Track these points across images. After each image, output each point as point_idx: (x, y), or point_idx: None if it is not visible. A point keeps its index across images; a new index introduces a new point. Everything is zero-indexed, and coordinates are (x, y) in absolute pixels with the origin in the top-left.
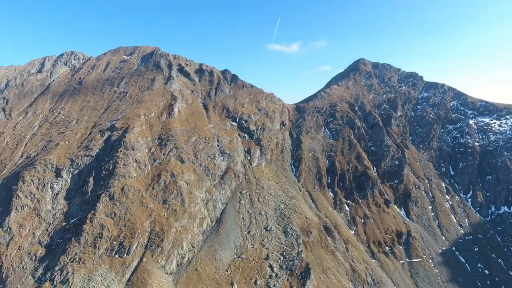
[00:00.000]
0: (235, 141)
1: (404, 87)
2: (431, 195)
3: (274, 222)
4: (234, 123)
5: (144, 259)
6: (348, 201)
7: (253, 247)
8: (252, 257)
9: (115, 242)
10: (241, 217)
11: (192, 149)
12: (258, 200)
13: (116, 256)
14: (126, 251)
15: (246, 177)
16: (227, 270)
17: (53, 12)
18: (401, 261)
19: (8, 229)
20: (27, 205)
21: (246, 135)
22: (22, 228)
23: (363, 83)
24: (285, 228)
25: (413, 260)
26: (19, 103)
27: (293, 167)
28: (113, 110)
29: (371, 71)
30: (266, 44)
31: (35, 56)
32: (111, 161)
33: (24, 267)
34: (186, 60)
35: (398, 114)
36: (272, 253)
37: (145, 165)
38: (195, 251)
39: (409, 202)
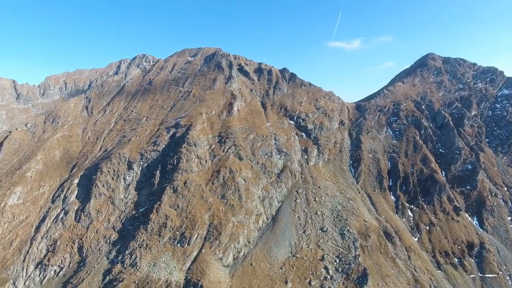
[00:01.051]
0: (292, 139)
1: (480, 84)
2: (510, 204)
3: (331, 223)
4: (292, 122)
5: (203, 250)
6: (412, 206)
7: (308, 247)
8: (307, 257)
9: (177, 232)
10: (297, 216)
11: (250, 147)
12: (315, 200)
13: (178, 245)
14: (187, 241)
15: (303, 176)
16: (281, 268)
17: (129, 19)
18: (472, 275)
19: (88, 214)
20: (104, 193)
21: (303, 134)
22: (99, 214)
23: (431, 79)
24: (341, 230)
25: (487, 275)
26: (99, 102)
27: (351, 168)
28: (178, 109)
29: (441, 66)
30: (325, 41)
31: (113, 59)
32: (175, 156)
33: (100, 249)
34: (246, 59)
35: (473, 113)
36: (328, 254)
37: (206, 161)
38: (251, 247)
39: (483, 211)
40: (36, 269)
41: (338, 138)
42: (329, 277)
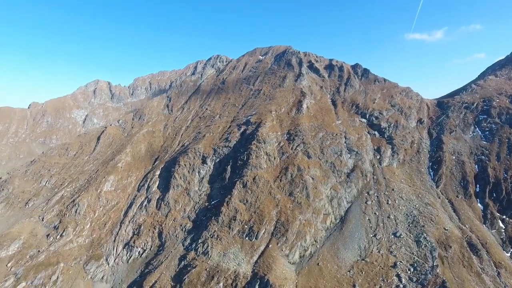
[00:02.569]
0: (364, 138)
1: None
2: None
3: (405, 229)
4: (364, 120)
5: (270, 246)
6: (504, 217)
7: (378, 251)
8: (377, 262)
9: (246, 226)
10: (367, 218)
11: (319, 145)
12: (387, 203)
13: (246, 238)
14: (255, 235)
15: (375, 177)
16: (349, 271)
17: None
18: None
19: (167, 203)
20: (181, 185)
21: (376, 132)
22: (177, 204)
23: None
24: (417, 237)
25: None
26: (178, 101)
27: (430, 170)
28: (248, 106)
29: None
30: (402, 34)
31: (191, 60)
32: (245, 152)
33: (177, 236)
34: (316, 56)
35: None
36: (401, 262)
37: (274, 158)
38: (318, 246)
39: None
40: (124, 249)
41: (415, 138)
42: (401, 286)
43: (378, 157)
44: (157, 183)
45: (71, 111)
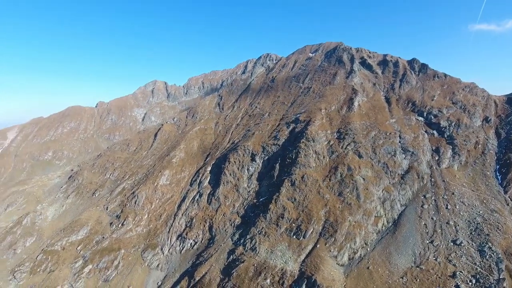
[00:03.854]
0: (421, 138)
1: None
2: None
3: (466, 237)
4: (421, 118)
5: (318, 246)
6: None
7: (435, 259)
8: (434, 271)
9: (293, 224)
10: (423, 223)
11: (371, 144)
12: (446, 208)
13: (294, 237)
14: (303, 234)
15: (432, 179)
16: (402, 277)
17: (257, 20)
18: None
19: (218, 198)
20: (230, 181)
21: (434, 131)
22: (226, 199)
23: None
24: (481, 246)
25: None
26: (229, 99)
27: (498, 174)
28: (298, 104)
29: None
30: (466, 25)
31: (241, 59)
32: (294, 150)
33: (226, 230)
34: (369, 52)
35: None
36: (461, 272)
37: (324, 157)
38: (368, 249)
39: None
40: (177, 240)
41: (480, 138)
42: None
43: (436, 158)
44: (208, 178)
45: (132, 110)
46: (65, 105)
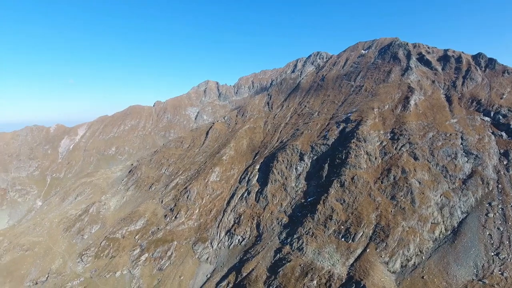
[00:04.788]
0: (487, 140)
1: None
2: None
3: None
4: (487, 118)
5: (368, 250)
6: None
7: (502, 274)
8: (500, 286)
9: (342, 226)
10: (487, 233)
11: (428, 146)
12: None
13: (342, 239)
14: (352, 237)
15: (499, 186)
16: None
17: (308, 19)
18: None
19: (265, 197)
20: (278, 180)
21: (503, 133)
22: (274, 198)
23: None
24: None
25: None
26: (278, 98)
27: None
28: (348, 103)
29: None
30: None
31: (291, 59)
32: (344, 151)
33: (273, 229)
34: (428, 47)
35: None
36: None
37: (376, 158)
38: (423, 257)
39: None
40: (226, 235)
41: None
42: None
43: (505, 162)
44: (257, 176)
45: (186, 109)
46: (127, 103)
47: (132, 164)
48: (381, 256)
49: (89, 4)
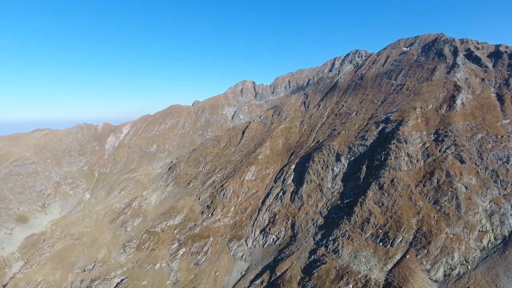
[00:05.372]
0: None
1: None
2: None
3: None
4: None
5: (408, 256)
6: None
7: None
8: None
9: (380, 230)
10: None
11: (477, 148)
12: None
13: (380, 244)
14: (390, 242)
15: None
16: None
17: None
18: None
19: (301, 197)
20: (314, 180)
21: None
22: (309, 198)
23: None
24: None
25: None
26: (314, 98)
27: None
28: (389, 103)
29: None
30: None
31: (328, 57)
32: (383, 152)
33: (308, 229)
34: (477, 43)
35: None
36: None
37: (417, 160)
38: (469, 267)
39: None
40: (260, 234)
41: None
42: None
43: None
44: (292, 176)
45: (223, 108)
46: (168, 103)
47: (171, 162)
48: (422, 264)
49: (137, 8)
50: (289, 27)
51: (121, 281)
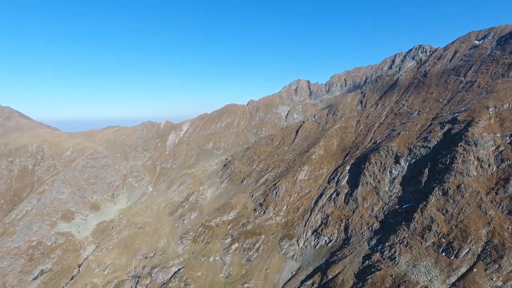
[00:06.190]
0: None
1: None
2: None
3: None
4: None
5: (475, 270)
6: None
7: None
8: None
9: (443, 240)
10: None
11: None
12: None
13: (443, 254)
14: (455, 253)
15: None
16: None
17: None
18: None
19: (355, 199)
20: (370, 183)
21: None
22: (365, 201)
23: None
24: None
25: None
26: (372, 97)
27: None
28: (456, 102)
29: None
30: None
31: (388, 54)
32: (448, 155)
33: (363, 233)
34: None
35: None
36: None
37: (489, 165)
38: None
39: None
40: (312, 235)
41: None
42: None
43: None
44: (346, 178)
45: (277, 107)
46: (224, 102)
47: (226, 159)
48: (492, 279)
49: (195, 14)
50: (346, 25)
51: (178, 270)
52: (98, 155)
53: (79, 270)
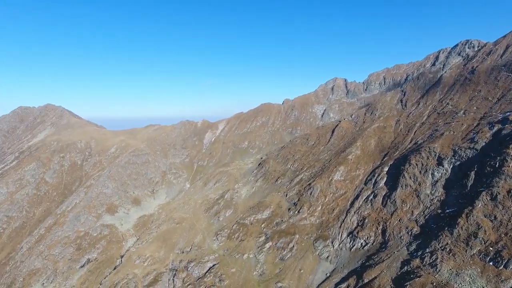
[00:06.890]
0: None
1: None
2: None
3: None
4: None
5: None
6: None
7: None
8: None
9: (491, 248)
10: None
11: None
12: None
13: (490, 263)
14: (504, 263)
15: None
16: None
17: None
18: None
19: (394, 202)
20: (410, 185)
21: None
22: (404, 204)
23: None
24: None
25: None
26: (413, 95)
27: None
28: (507, 100)
29: None
30: None
31: (431, 50)
32: (498, 157)
33: (402, 238)
34: None
35: None
36: None
37: None
38: None
39: None
40: (348, 237)
41: None
42: None
43: None
44: (385, 179)
45: (313, 106)
46: (260, 101)
47: (261, 158)
48: None
49: (228, 15)
50: (386, 21)
51: (213, 265)
52: (139, 152)
53: (121, 260)
